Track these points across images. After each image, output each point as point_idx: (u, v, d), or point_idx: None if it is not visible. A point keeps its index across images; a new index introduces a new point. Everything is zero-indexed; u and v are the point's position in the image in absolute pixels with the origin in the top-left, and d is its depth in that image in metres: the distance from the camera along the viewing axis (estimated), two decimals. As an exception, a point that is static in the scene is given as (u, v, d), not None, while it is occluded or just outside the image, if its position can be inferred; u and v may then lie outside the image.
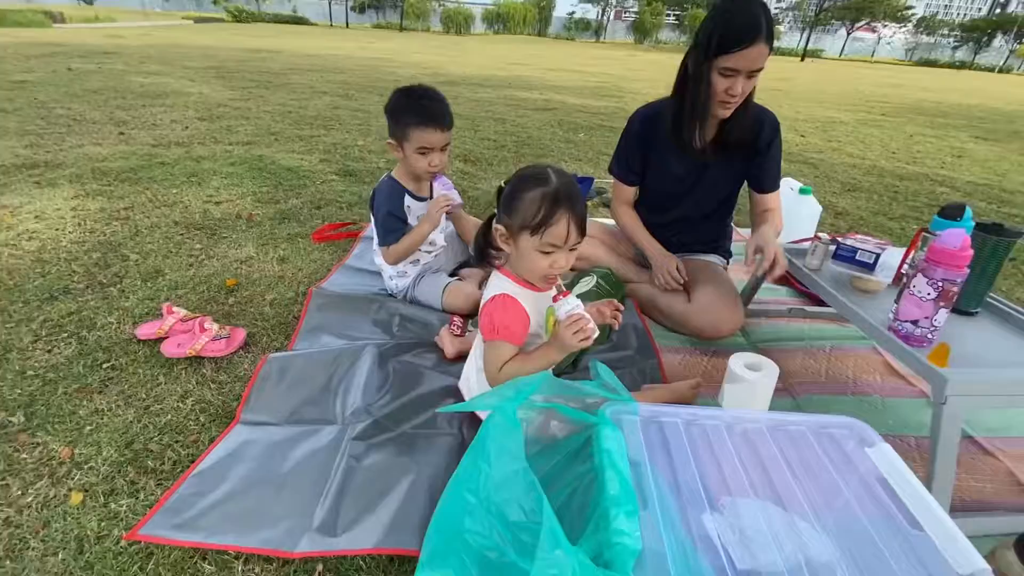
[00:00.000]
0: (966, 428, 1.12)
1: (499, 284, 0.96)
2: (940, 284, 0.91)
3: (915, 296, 0.94)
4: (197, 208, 2.11)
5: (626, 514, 0.57)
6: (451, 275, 1.60)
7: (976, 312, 1.10)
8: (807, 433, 0.76)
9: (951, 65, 56.65)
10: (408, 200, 1.46)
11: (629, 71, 12.72)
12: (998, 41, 60.76)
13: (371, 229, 1.55)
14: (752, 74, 1.22)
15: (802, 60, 37.76)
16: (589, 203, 2.53)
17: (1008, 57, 59.23)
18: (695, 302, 1.36)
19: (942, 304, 0.92)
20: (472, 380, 1.09)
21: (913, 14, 57.59)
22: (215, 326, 1.26)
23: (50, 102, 3.97)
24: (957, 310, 1.10)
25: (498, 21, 47.78)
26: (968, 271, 0.91)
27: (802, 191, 1.92)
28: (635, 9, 52.43)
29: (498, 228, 0.93)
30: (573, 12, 60.09)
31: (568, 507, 0.69)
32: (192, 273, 1.61)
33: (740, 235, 2.22)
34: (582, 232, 0.90)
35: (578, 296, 1.51)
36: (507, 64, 12.14)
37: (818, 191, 3.02)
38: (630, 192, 1.60)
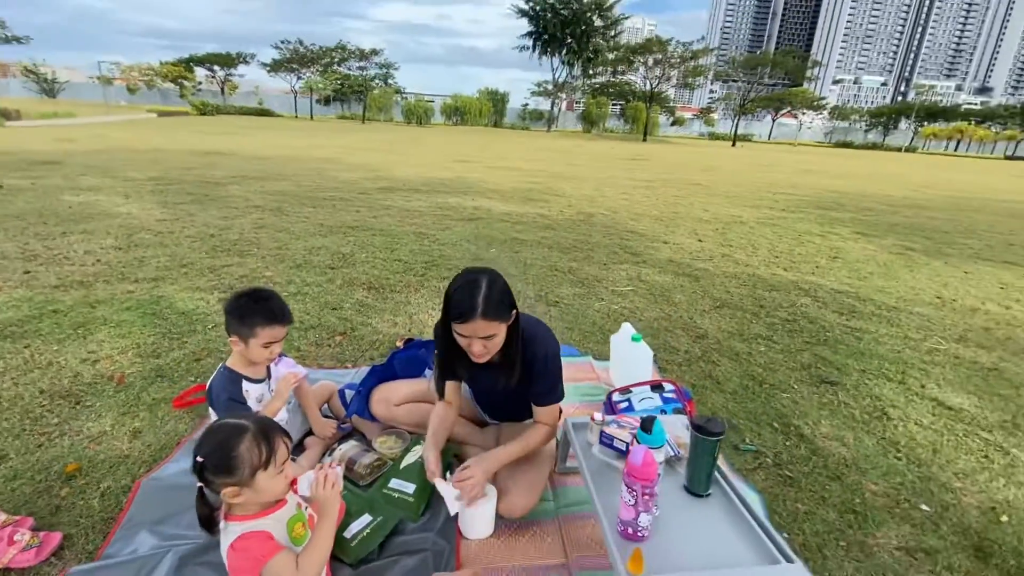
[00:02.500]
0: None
1: (231, 532, 1.04)
2: (637, 492, 1.08)
3: (623, 501, 1.11)
4: (70, 370, 2.17)
5: None
6: (296, 445, 1.70)
7: (708, 494, 1.28)
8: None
9: (865, 146, 63.54)
10: (246, 384, 1.60)
11: (568, 166, 13.73)
12: (904, 124, 68.95)
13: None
14: (488, 336, 1.30)
15: (733, 145, 41.68)
16: None
17: (913, 138, 67.06)
18: (497, 484, 1.49)
19: (642, 509, 1.09)
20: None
21: (826, 103, 65.17)
22: (27, 536, 1.30)
23: (-37, 235, 4.01)
24: (691, 492, 1.28)
25: (456, 113, 50.96)
26: (659, 477, 1.10)
27: (633, 338, 2.16)
28: (583, 100, 57.08)
29: (226, 493, 1.01)
30: (527, 104, 64.84)
31: None
32: (37, 457, 1.65)
33: (596, 372, 2.43)
34: (288, 450, 1.07)
35: (406, 465, 1.64)
36: (454, 161, 12.94)
37: (688, 307, 3.34)
38: (452, 388, 1.59)
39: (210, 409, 1.62)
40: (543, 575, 1.32)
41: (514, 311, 1.37)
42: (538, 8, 44.63)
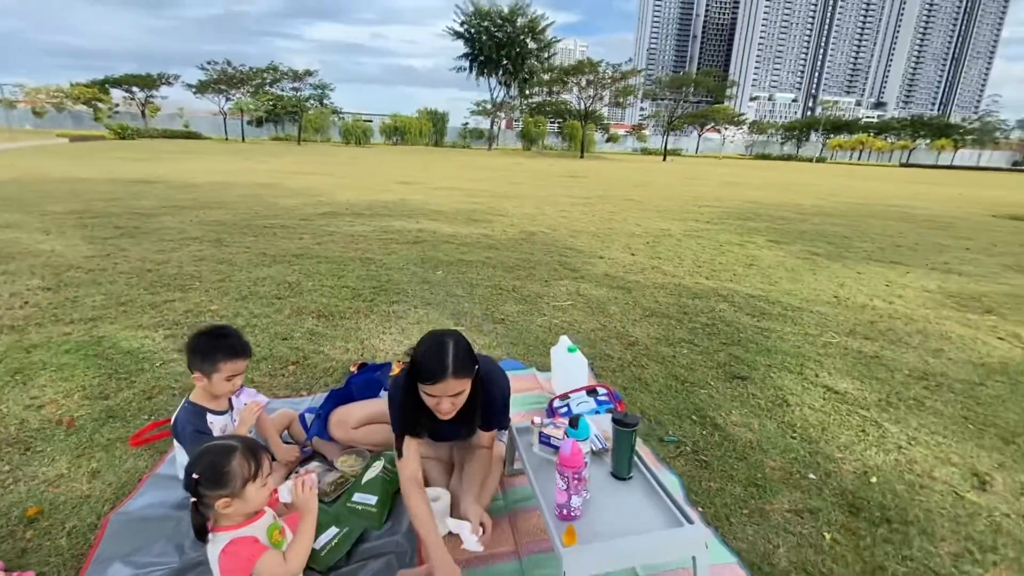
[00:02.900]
0: (640, 571, 1.50)
1: (220, 541, 1.17)
2: (568, 478, 1.31)
3: (558, 487, 1.33)
4: (15, 417, 2.15)
5: None
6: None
7: (630, 477, 1.52)
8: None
9: (781, 157, 68.99)
10: (210, 417, 1.70)
11: (510, 185, 14.13)
12: (814, 136, 75.60)
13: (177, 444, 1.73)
14: (457, 394, 1.42)
15: (664, 159, 44.12)
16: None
17: (822, 149, 73.60)
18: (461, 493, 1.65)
19: (573, 493, 1.32)
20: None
21: (745, 119, 70.29)
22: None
23: None
24: (616, 476, 1.51)
25: (396, 133, 50.81)
26: (586, 465, 1.33)
27: (569, 349, 2.42)
28: (521, 119, 58.48)
29: (218, 505, 1.16)
30: (467, 123, 65.56)
31: None
32: (-9, 505, 1.67)
33: (540, 382, 2.66)
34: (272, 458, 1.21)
35: (367, 480, 1.79)
36: (396, 183, 13.00)
37: (621, 318, 3.66)
38: (409, 452, 1.57)
39: (175, 443, 1.70)
40: (497, 561, 1.51)
41: (476, 366, 1.48)
42: (473, 31, 45.58)
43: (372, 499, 1.69)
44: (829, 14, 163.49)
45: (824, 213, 10.54)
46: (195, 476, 1.14)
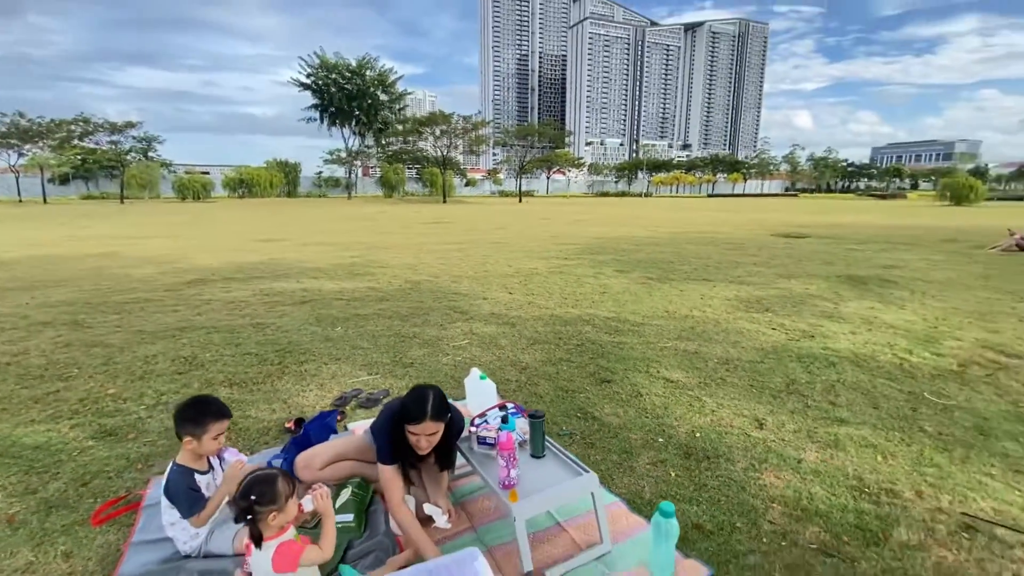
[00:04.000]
0: (554, 514, 2.14)
1: (269, 547, 1.56)
2: (507, 458, 1.91)
3: (500, 466, 1.93)
4: (-66, 528, 2.09)
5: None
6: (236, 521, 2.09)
7: (544, 455, 2.17)
8: (454, 563, 1.59)
9: (617, 193, 78.55)
10: (197, 476, 1.97)
11: (381, 235, 14.42)
12: (640, 174, 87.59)
13: (149, 499, 1.95)
14: (432, 434, 1.92)
15: (520, 201, 47.62)
16: (347, 408, 3.23)
17: (648, 185, 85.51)
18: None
19: (511, 467, 1.92)
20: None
21: (584, 162, 79.13)
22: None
23: None
24: (534, 456, 2.15)
25: (241, 186, 47.43)
26: (516, 448, 1.95)
27: (481, 377, 3.03)
28: (379, 166, 58.59)
29: (271, 517, 1.55)
30: (321, 171, 63.56)
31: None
32: (-38, 603, 1.72)
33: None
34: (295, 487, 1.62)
35: (341, 503, 2.19)
36: (258, 242, 12.52)
37: (511, 348, 4.38)
38: (394, 478, 2.01)
39: (163, 502, 1.93)
40: (460, 536, 2.03)
41: (449, 414, 2.01)
42: (320, 83, 45.24)
43: (349, 516, 2.10)
44: (638, 72, 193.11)
45: (654, 243, 12.71)
46: (253, 498, 1.51)
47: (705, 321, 5.28)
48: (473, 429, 2.26)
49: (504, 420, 2.04)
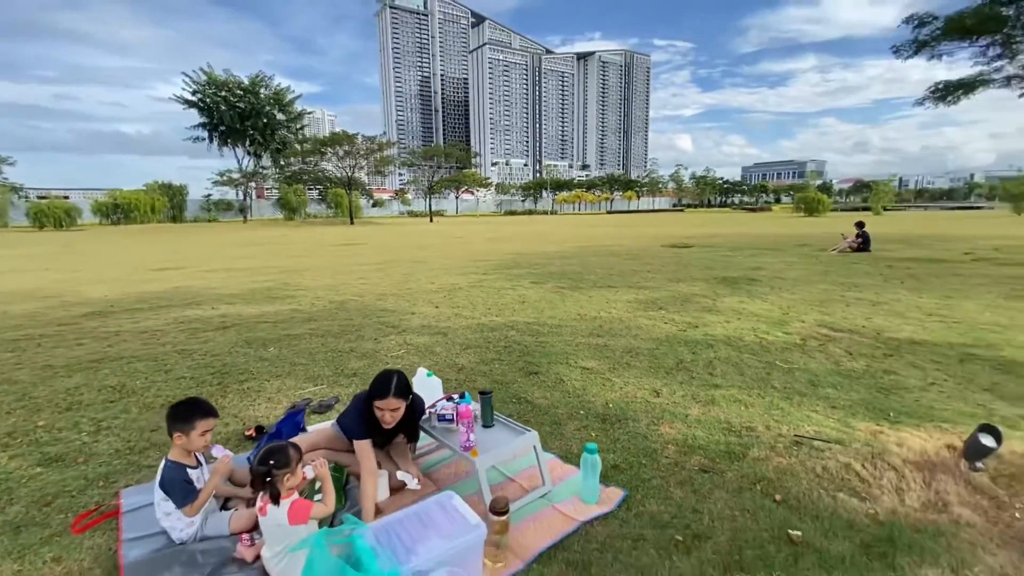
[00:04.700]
0: (504, 472, 2.62)
1: (285, 504, 1.88)
2: (466, 424, 2.37)
3: (460, 433, 2.39)
4: None
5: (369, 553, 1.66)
6: (223, 507, 2.33)
7: (493, 424, 2.65)
8: (435, 502, 2.02)
9: (524, 212, 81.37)
10: (188, 471, 2.19)
11: (292, 259, 14.05)
12: (545, 193, 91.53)
13: (127, 506, 2.15)
14: (395, 409, 2.34)
15: (431, 221, 47.81)
16: (315, 415, 3.47)
17: (552, 203, 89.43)
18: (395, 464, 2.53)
19: (470, 432, 2.38)
20: (271, 561, 1.94)
21: (491, 182, 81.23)
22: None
23: None
24: (485, 425, 2.63)
25: (116, 212, 42.66)
26: (472, 419, 2.42)
27: (428, 375, 3.44)
28: (276, 187, 55.65)
29: (286, 478, 1.88)
30: (210, 194, 59.05)
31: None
32: (-38, 609, 1.82)
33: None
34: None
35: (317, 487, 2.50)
36: (155, 271, 11.69)
37: (447, 353, 4.80)
38: (369, 449, 2.38)
39: (158, 493, 2.13)
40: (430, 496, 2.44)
41: (411, 395, 2.43)
42: (208, 100, 42.39)
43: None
44: (538, 96, 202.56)
45: (563, 257, 13.74)
46: (272, 462, 1.84)
47: (611, 320, 6.08)
48: (433, 410, 2.69)
49: (461, 396, 2.50)
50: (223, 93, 42.33)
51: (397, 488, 2.47)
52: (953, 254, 12.55)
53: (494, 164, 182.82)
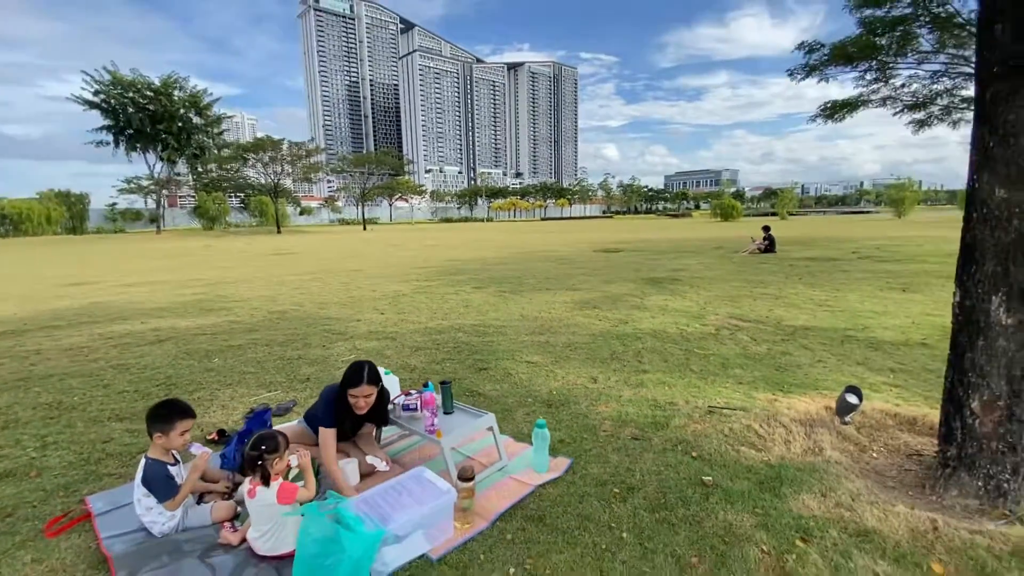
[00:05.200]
0: (465, 453, 2.93)
1: (275, 486, 2.09)
2: (430, 410, 2.66)
3: (425, 417, 2.67)
4: None
5: (352, 520, 1.92)
6: (199, 501, 2.47)
7: (453, 411, 2.95)
8: (408, 476, 2.29)
9: (460, 219, 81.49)
10: (168, 467, 2.32)
11: (221, 270, 13.46)
12: (480, 201, 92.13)
13: (98, 509, 2.25)
14: (368, 395, 2.59)
15: (364, 229, 46.76)
16: (275, 418, 3.57)
17: (488, 210, 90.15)
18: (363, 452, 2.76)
19: (435, 417, 2.68)
20: (258, 541, 2.13)
21: (425, 189, 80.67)
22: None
23: None
24: (446, 412, 2.92)
25: (4, 223, 38.20)
26: (436, 406, 2.72)
27: (385, 372, 3.66)
28: (191, 195, 52.22)
29: (274, 463, 2.09)
30: (115, 203, 54.38)
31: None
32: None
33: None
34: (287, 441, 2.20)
35: (295, 474, 2.69)
36: (64, 286, 10.83)
37: (398, 356, 5.02)
38: (331, 439, 2.56)
39: (140, 488, 2.24)
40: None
41: (380, 383, 2.66)
42: (113, 102, 39.11)
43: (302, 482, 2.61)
44: (470, 104, 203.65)
45: (503, 263, 14.17)
46: (263, 447, 2.04)
47: (551, 320, 6.54)
48: (397, 402, 2.95)
49: (424, 385, 2.79)
50: (130, 94, 39.20)
51: (367, 474, 2.71)
52: (843, 253, 14.29)
53: (428, 171, 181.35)
